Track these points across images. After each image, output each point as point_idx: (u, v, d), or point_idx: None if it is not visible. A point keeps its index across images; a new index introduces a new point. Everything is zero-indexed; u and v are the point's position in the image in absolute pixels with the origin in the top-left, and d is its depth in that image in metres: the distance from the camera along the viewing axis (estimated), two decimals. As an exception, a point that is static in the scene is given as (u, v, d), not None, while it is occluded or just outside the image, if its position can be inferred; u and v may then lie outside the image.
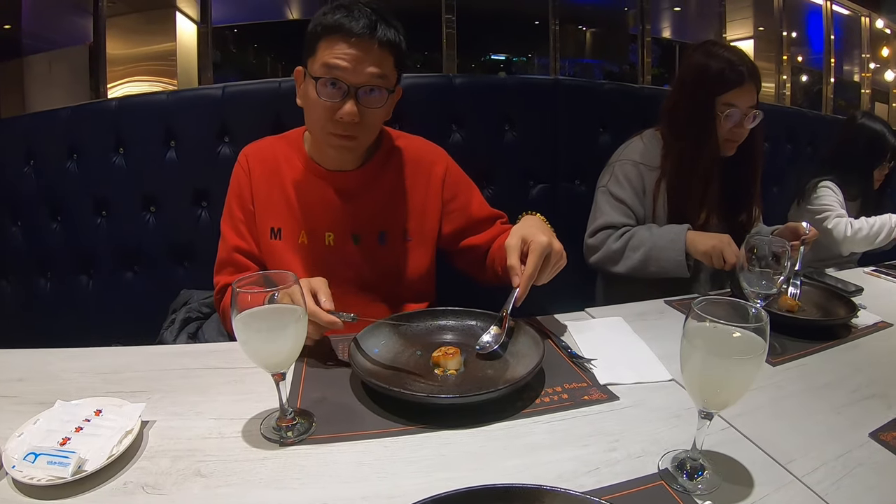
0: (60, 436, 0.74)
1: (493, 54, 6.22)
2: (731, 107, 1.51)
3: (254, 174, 1.30)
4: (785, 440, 0.80)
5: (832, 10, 6.23)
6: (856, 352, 1.13)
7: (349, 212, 1.27)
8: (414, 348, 1.04)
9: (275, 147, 1.33)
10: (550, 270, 1.05)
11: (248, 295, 0.74)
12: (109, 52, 4.19)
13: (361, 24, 1.10)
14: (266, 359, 0.77)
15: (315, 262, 1.27)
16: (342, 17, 1.11)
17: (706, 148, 1.54)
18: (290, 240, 1.27)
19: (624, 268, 1.56)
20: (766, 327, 0.65)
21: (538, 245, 1.02)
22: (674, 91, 1.67)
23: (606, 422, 0.84)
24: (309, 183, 1.28)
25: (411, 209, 1.32)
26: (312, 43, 1.15)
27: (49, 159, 1.86)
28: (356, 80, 1.12)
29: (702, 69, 1.54)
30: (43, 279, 1.94)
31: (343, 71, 1.11)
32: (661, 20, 6.04)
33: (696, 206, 1.59)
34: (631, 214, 1.61)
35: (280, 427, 0.81)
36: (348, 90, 1.12)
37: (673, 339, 1.09)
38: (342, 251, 1.28)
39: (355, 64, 1.11)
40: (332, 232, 1.27)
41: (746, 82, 1.50)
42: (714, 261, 1.40)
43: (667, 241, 1.50)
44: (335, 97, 1.13)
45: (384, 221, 1.30)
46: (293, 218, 1.27)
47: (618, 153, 1.71)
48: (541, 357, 0.93)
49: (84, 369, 0.99)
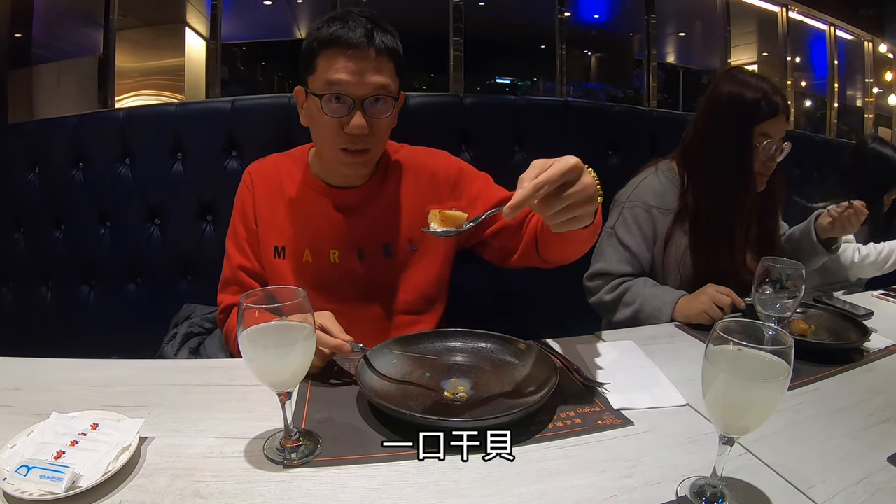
0: (55, 449, 0.72)
1: (499, 77, 6.27)
2: (766, 137, 1.44)
3: (257, 192, 1.29)
4: (804, 466, 0.78)
5: (836, 36, 6.31)
6: (870, 375, 1.11)
7: (352, 227, 1.26)
8: (423, 370, 1.01)
9: (279, 164, 1.32)
10: (571, 201, 0.83)
11: (256, 310, 0.72)
12: (118, 65, 4.23)
13: (358, 34, 1.09)
14: (272, 377, 0.75)
15: (320, 280, 1.25)
16: (338, 29, 1.09)
17: (749, 185, 1.46)
18: (295, 258, 1.26)
19: (615, 320, 1.50)
20: (790, 350, 0.63)
21: (563, 160, 0.82)
22: (701, 123, 1.55)
23: (622, 447, 0.82)
24: (311, 200, 1.27)
25: (415, 218, 1.28)
26: (310, 60, 1.14)
27: (54, 167, 1.85)
28: (360, 93, 1.11)
29: (737, 98, 1.45)
30: (44, 287, 1.93)
31: (346, 85, 1.10)
32: (666, 45, 6.11)
33: (734, 250, 1.50)
34: (634, 262, 1.53)
35: (284, 448, 0.78)
36: (354, 103, 1.11)
37: (686, 363, 1.10)
38: (347, 267, 1.26)
39: (357, 76, 1.10)
40: (336, 249, 1.26)
41: (780, 112, 1.44)
42: (712, 315, 1.33)
43: (654, 307, 1.42)
44: (341, 112, 1.12)
45: (387, 233, 1.28)
46: (297, 236, 1.26)
47: (630, 190, 1.59)
48: (554, 381, 0.91)
49: (82, 381, 0.97)
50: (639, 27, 5.55)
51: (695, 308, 1.36)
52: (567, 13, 5.14)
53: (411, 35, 1.26)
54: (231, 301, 1.29)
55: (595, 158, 2.03)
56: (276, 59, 5.60)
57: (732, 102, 1.46)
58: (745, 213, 1.49)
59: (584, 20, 5.95)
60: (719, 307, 1.33)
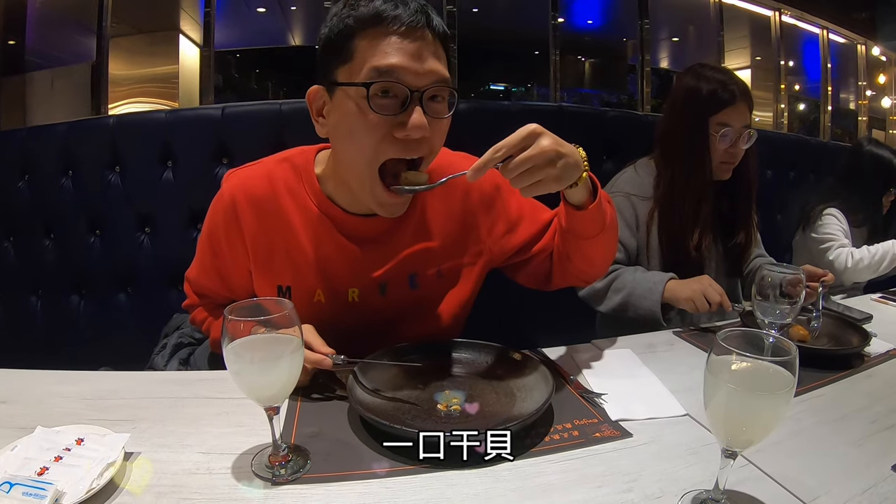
0: (38, 465, 0.70)
1: (493, 84, 6.27)
2: (724, 126, 1.49)
3: (245, 223, 1.04)
4: (807, 476, 0.76)
5: (828, 39, 6.33)
6: (871, 381, 1.10)
7: (374, 261, 1.06)
8: (415, 381, 0.99)
9: (273, 178, 1.05)
10: (530, 164, 0.82)
11: (241, 323, 0.69)
12: (112, 72, 4.21)
13: (412, 9, 0.85)
14: (259, 392, 0.73)
15: (336, 320, 1.05)
16: (383, 4, 0.85)
17: (700, 170, 1.53)
18: (304, 299, 1.05)
19: (606, 308, 1.52)
20: (795, 360, 0.61)
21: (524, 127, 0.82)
22: (665, 115, 1.66)
23: (621, 460, 0.80)
24: (323, 230, 1.03)
25: (446, 244, 1.10)
26: (343, 44, 0.87)
27: (44, 175, 1.84)
28: (419, 83, 0.86)
29: (693, 91, 1.53)
30: (34, 297, 1.91)
31: (401, 72, 0.85)
32: (660, 50, 6.12)
33: (689, 229, 1.56)
34: (621, 249, 1.57)
35: (273, 464, 0.76)
36: (410, 96, 0.86)
37: (684, 372, 1.08)
38: (369, 305, 1.07)
39: (417, 61, 0.85)
40: (355, 287, 1.06)
41: (738, 101, 1.49)
42: (698, 305, 1.36)
43: (645, 289, 1.45)
44: (392, 109, 0.87)
45: (414, 264, 1.08)
46: (305, 275, 1.05)
47: (610, 184, 1.68)
48: (550, 392, 0.89)
49: (70, 394, 0.95)
50: (632, 32, 5.56)
51: (685, 292, 1.40)
52: (561, 19, 5.14)
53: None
54: (192, 302, 1.22)
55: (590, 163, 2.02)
56: (270, 66, 5.59)
57: (689, 96, 1.55)
58: (695, 195, 1.54)
59: (577, 26, 5.97)
60: (708, 301, 1.35)
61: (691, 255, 1.54)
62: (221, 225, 1.06)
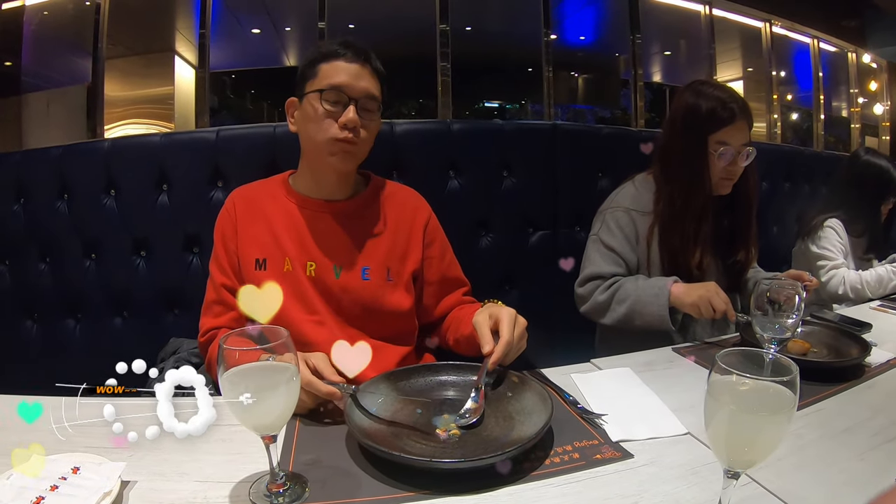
0: (34, 494, 0.70)
1: (487, 101, 6.31)
2: (723, 145, 1.48)
3: (238, 212, 1.34)
4: (810, 493, 0.76)
5: (819, 48, 6.40)
6: (872, 392, 1.09)
7: (332, 243, 1.30)
8: (413, 406, 0.98)
9: (261, 186, 1.38)
10: (517, 345, 1.07)
11: (237, 352, 0.69)
12: (108, 94, 4.24)
13: (356, 52, 1.27)
14: (255, 420, 0.72)
15: (298, 290, 1.27)
16: (339, 47, 1.27)
17: (699, 188, 1.52)
18: (276, 268, 1.29)
19: (611, 320, 1.51)
20: (796, 379, 0.61)
21: (508, 313, 1.07)
22: (664, 133, 1.65)
23: (622, 483, 0.79)
24: (293, 212, 1.32)
25: (396, 248, 1.34)
26: (312, 67, 1.27)
27: (39, 198, 1.82)
28: (355, 94, 1.24)
29: (692, 109, 1.52)
30: (29, 321, 1.89)
31: (345, 86, 1.24)
32: (652, 64, 6.17)
33: (689, 247, 1.55)
34: (621, 263, 1.57)
35: (271, 492, 0.75)
36: (349, 101, 1.24)
37: (684, 390, 1.07)
38: (323, 282, 1.28)
39: (355, 80, 1.25)
40: (313, 262, 1.29)
41: (738, 119, 1.48)
42: (703, 311, 1.36)
43: (650, 294, 1.45)
44: (338, 108, 1.24)
45: (366, 256, 1.31)
46: (278, 247, 1.29)
47: (609, 200, 1.68)
48: (549, 415, 0.88)
49: (65, 420, 0.93)
50: (624, 47, 5.62)
51: (691, 297, 1.40)
52: (553, 35, 5.20)
53: (399, 60, 1.31)
54: (213, 324, 1.28)
55: (585, 182, 2.03)
56: (265, 87, 5.63)
57: (688, 114, 1.53)
58: (695, 212, 1.54)
59: (569, 42, 6.03)
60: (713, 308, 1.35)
61: (693, 274, 1.53)
62: (226, 219, 1.34)
